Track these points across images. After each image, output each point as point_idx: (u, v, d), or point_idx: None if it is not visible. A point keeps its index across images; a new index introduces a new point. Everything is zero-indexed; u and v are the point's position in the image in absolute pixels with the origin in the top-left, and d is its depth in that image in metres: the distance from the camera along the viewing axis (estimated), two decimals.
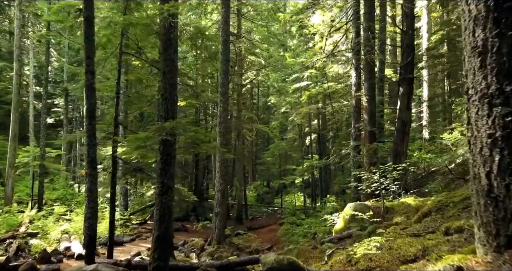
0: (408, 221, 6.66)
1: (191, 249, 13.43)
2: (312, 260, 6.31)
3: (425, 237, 3.85)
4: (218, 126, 14.68)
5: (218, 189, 14.40)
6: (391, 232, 4.97)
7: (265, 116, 41.62)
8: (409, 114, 12.58)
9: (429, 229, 4.40)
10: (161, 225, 6.79)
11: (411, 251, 3.33)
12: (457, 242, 3.13)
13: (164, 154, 6.94)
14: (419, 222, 5.61)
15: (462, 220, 3.68)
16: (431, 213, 5.58)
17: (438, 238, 3.56)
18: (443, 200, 5.66)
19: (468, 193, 5.43)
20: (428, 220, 5.20)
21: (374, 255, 3.65)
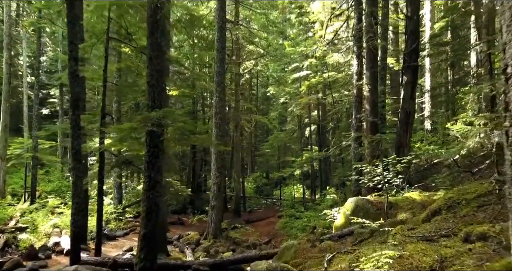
0: (415, 219, 6.17)
1: (186, 243, 13.00)
2: (310, 261, 5.83)
3: (439, 243, 3.36)
4: (214, 117, 14.15)
5: (214, 182, 13.93)
6: (398, 233, 4.48)
7: (264, 107, 41.08)
8: (413, 104, 12.03)
9: (442, 232, 3.90)
10: (148, 222, 6.31)
11: (426, 261, 2.84)
12: (483, 253, 2.63)
13: (151, 146, 6.43)
14: (428, 221, 5.12)
15: (486, 225, 3.19)
16: (441, 211, 5.09)
17: (456, 245, 3.07)
18: (454, 197, 5.16)
19: (482, 190, 4.94)
20: (438, 219, 4.70)
21: (382, 264, 3.17)
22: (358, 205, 8.05)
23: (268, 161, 30.64)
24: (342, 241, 7.02)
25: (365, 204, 8.00)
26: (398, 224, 6.25)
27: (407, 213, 7.01)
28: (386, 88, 18.65)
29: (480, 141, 8.57)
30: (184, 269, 7.63)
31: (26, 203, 18.52)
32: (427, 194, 7.97)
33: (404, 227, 4.88)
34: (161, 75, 6.66)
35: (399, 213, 7.26)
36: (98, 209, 8.59)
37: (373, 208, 7.91)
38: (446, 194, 5.50)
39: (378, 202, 8.08)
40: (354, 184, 11.99)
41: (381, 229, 6.33)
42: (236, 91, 21.44)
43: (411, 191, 8.85)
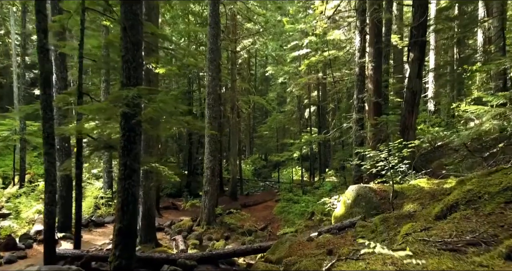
0: (425, 212, 5.45)
1: (178, 230, 12.40)
2: (307, 260, 5.14)
3: (470, 257, 2.62)
4: (207, 97, 13.31)
5: (208, 166, 13.22)
6: (410, 235, 3.75)
7: (263, 88, 40.13)
8: (419, 83, 11.15)
9: (467, 236, 3.17)
10: (124, 215, 5.59)
11: None
12: None
13: (126, 129, 5.64)
14: (443, 217, 4.39)
15: None
16: (459, 206, 4.35)
17: (495, 264, 2.33)
18: (474, 189, 4.41)
19: (508, 181, 4.18)
20: (457, 217, 3.97)
21: None
22: (360, 193, 7.34)
23: (266, 143, 29.90)
24: (342, 235, 6.34)
25: (368, 192, 7.29)
26: (405, 218, 5.54)
27: (414, 203, 6.30)
28: (389, 67, 17.68)
29: (499, 123, 7.78)
30: (169, 264, 6.99)
31: (15, 187, 17.91)
32: (436, 182, 7.24)
33: (416, 225, 4.15)
34: (138, 48, 5.81)
35: (406, 203, 6.55)
36: (76, 198, 7.87)
37: (376, 197, 7.20)
38: (464, 186, 4.75)
39: (382, 190, 7.37)
40: (355, 169, 11.28)
41: (386, 223, 5.64)
42: (232, 71, 20.49)
43: (418, 177, 8.13)
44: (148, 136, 9.94)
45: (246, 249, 7.27)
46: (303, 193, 18.64)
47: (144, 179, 10.19)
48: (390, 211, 6.56)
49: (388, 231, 5.21)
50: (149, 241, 10.18)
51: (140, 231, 10.41)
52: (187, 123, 6.02)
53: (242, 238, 12.91)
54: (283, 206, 16.86)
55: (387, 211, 6.75)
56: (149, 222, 10.25)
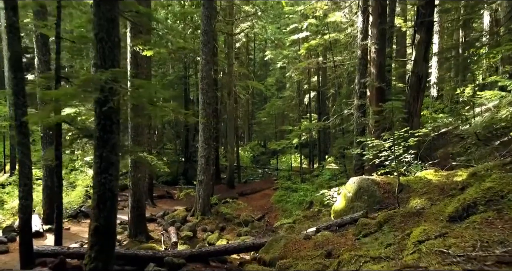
0: (435, 209, 4.89)
1: (171, 221, 11.90)
2: (303, 263, 4.61)
3: None
4: (200, 82, 12.63)
5: (202, 154, 12.65)
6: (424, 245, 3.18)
7: (262, 73, 39.30)
8: (425, 67, 10.50)
9: (497, 250, 2.60)
10: (101, 213, 5.03)
11: None
12: None
13: (102, 117, 5.02)
14: (458, 219, 3.82)
15: None
16: (477, 207, 3.78)
17: None
18: (496, 187, 3.83)
19: None
20: (477, 221, 3.40)
21: None
22: (362, 186, 6.78)
23: (264, 130, 29.26)
24: (342, 232, 5.80)
25: (370, 185, 6.72)
26: (413, 216, 4.98)
27: (422, 198, 5.74)
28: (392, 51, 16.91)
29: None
30: (156, 261, 6.48)
31: (6, 175, 17.40)
32: (444, 174, 6.67)
33: (429, 229, 3.58)
34: (114, 26, 5.14)
35: (412, 198, 5.99)
36: (57, 191, 7.32)
37: (379, 190, 6.64)
38: (483, 184, 4.16)
39: (386, 183, 6.80)
40: (356, 158, 10.70)
41: (391, 222, 5.09)
42: (229, 54, 19.71)
43: (424, 169, 7.55)
44: (136, 123, 9.33)
45: (238, 246, 6.76)
46: (301, 181, 18.14)
47: (132, 169, 9.64)
48: (395, 207, 6.01)
49: (394, 232, 4.65)
50: (139, 233, 9.69)
51: (129, 223, 9.92)
52: (173, 110, 5.39)
53: (238, 229, 12.44)
54: (281, 194, 16.37)
55: (391, 206, 6.20)
56: (138, 214, 9.73)
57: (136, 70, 9.41)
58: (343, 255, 4.14)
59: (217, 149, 21.33)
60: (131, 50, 9.29)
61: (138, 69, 9.45)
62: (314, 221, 11.66)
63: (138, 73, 9.49)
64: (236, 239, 11.31)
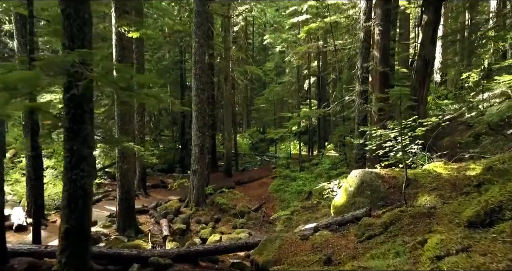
0: (447, 209, 4.33)
1: (163, 213, 11.40)
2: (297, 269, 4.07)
3: None
4: (193, 67, 11.95)
5: (196, 143, 12.07)
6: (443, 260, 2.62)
7: (261, 57, 38.47)
8: (433, 50, 9.82)
9: None
10: (72, 214, 4.48)
11: None
12: None
13: (71, 105, 4.42)
14: (480, 225, 3.26)
15: None
16: (503, 212, 3.21)
17: None
18: None
19: None
20: (507, 231, 2.83)
21: None
22: (365, 180, 6.21)
23: (263, 116, 28.58)
24: (343, 232, 5.25)
25: (374, 179, 6.15)
26: (423, 217, 4.43)
27: (432, 195, 5.18)
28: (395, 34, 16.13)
29: None
30: (140, 262, 5.97)
31: None
32: (455, 167, 6.09)
33: (447, 239, 3.01)
34: (83, 1, 4.47)
35: (421, 194, 5.43)
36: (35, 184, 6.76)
37: (384, 185, 6.08)
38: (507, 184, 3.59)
39: (391, 176, 6.23)
40: (357, 148, 10.12)
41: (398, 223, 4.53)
42: (226, 38, 18.91)
43: (432, 161, 6.98)
44: (123, 111, 8.72)
45: (229, 246, 6.23)
46: (300, 169, 17.62)
47: (120, 160, 9.07)
48: (401, 204, 5.45)
49: (403, 236, 4.10)
50: (128, 227, 9.19)
51: (117, 217, 9.42)
52: (154, 97, 4.77)
53: (233, 220, 11.96)
54: (279, 183, 15.87)
55: (397, 203, 5.65)
56: (127, 207, 9.22)
57: (122, 53, 8.74)
58: (345, 265, 3.59)
59: (214, 136, 20.77)
60: (116, 31, 8.59)
61: (124, 53, 8.78)
62: (313, 213, 11.17)
63: (125, 57, 8.83)
64: (231, 231, 10.85)
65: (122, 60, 8.74)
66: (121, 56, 8.75)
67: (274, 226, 11.67)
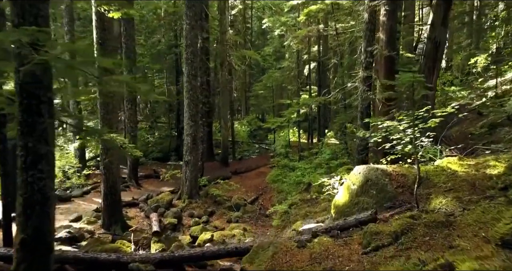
0: (470, 218, 3.67)
1: (154, 206, 10.80)
2: None
3: None
4: (185, 51, 11.15)
5: (188, 133, 11.38)
6: None
7: (260, 42, 37.45)
8: (444, 33, 9.03)
9: None
10: (28, 221, 3.82)
11: None
12: None
13: (24, 95, 3.71)
14: None
15: None
16: None
17: None
18: None
19: None
20: None
21: None
22: (370, 178, 5.54)
23: (261, 103, 27.75)
24: (345, 240, 4.61)
25: (380, 177, 5.48)
26: (441, 227, 3.76)
27: (448, 198, 4.51)
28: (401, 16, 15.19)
29: None
30: (119, 268, 5.36)
31: None
32: (472, 163, 5.40)
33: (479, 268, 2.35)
34: None
35: (434, 195, 4.76)
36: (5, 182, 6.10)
37: (391, 184, 5.41)
38: None
39: (399, 174, 5.55)
40: (360, 138, 9.42)
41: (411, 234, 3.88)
42: (221, 21, 17.99)
43: (445, 156, 6.29)
44: (105, 99, 7.99)
45: (218, 251, 5.60)
46: (300, 158, 16.99)
47: (103, 152, 8.39)
48: (412, 206, 4.79)
49: (417, 251, 3.45)
50: (114, 223, 8.58)
51: (102, 212, 8.80)
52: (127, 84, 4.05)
53: (228, 213, 11.37)
54: (277, 173, 15.25)
55: (407, 205, 4.99)
56: (113, 201, 8.59)
57: (103, 35, 7.96)
58: None
59: (210, 124, 20.04)
60: (96, 11, 7.79)
61: (105, 35, 7.99)
62: (312, 206, 10.55)
63: (107, 40, 8.05)
64: (225, 226, 10.27)
65: (104, 43, 7.98)
66: (103, 39, 7.98)
67: (271, 220, 11.09)
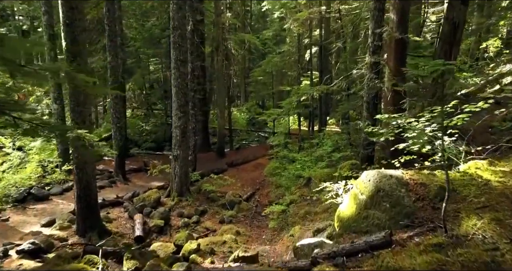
0: None
1: (140, 205, 9.90)
2: None
3: None
4: (172, 33, 10.02)
5: (177, 125, 10.38)
6: None
7: (260, 25, 36.10)
8: (464, 12, 7.90)
9: None
10: None
11: None
12: None
13: None
14: None
15: None
16: None
17: None
18: None
19: None
20: None
21: None
22: (382, 187, 4.55)
23: (260, 90, 26.60)
24: (353, 268, 3.66)
25: (395, 187, 4.49)
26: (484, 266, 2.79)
27: (485, 218, 3.53)
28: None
29: None
30: None
31: None
32: (507, 170, 4.41)
33: None
34: None
35: (465, 214, 3.78)
36: None
37: (409, 195, 4.42)
38: None
39: (418, 183, 4.55)
40: (364, 136, 8.42)
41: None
42: (216, 2, 16.75)
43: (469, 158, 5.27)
44: (75, 90, 6.96)
45: None
46: (299, 149, 16.02)
47: (76, 150, 7.41)
48: (436, 226, 3.82)
49: None
50: (90, 229, 7.67)
51: (76, 217, 7.87)
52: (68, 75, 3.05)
53: (221, 212, 10.48)
54: (276, 166, 14.30)
55: (429, 224, 4.01)
56: (87, 205, 7.65)
57: (71, 15, 6.87)
58: None
59: (205, 113, 19.00)
60: None
61: (74, 14, 6.90)
62: (312, 205, 9.63)
63: (76, 20, 6.96)
64: (217, 227, 9.37)
65: (72, 24, 6.90)
66: (70, 19, 6.89)
67: (267, 219, 10.19)
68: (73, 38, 7.00)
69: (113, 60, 12.18)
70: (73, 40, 7.02)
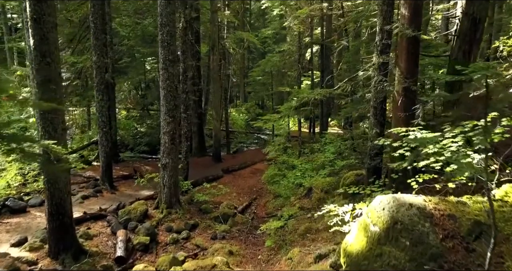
0: None
1: (124, 219, 9.04)
2: None
3: None
4: (160, 31, 9.15)
5: (165, 130, 9.51)
6: None
7: (259, 24, 35.34)
8: (485, 7, 7.03)
9: None
10: None
11: None
12: None
13: None
14: None
15: None
16: None
17: None
18: None
19: None
20: None
21: None
22: (400, 219, 3.68)
23: (258, 91, 25.72)
24: None
25: (416, 219, 3.61)
26: None
27: None
28: None
29: None
30: None
31: None
32: None
33: None
34: None
35: (511, 262, 2.92)
36: None
37: (435, 231, 3.54)
38: None
39: (445, 214, 3.67)
40: (372, 139, 7.56)
41: None
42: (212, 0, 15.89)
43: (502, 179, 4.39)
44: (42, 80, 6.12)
45: None
46: (300, 153, 15.14)
47: (47, 162, 6.54)
48: None
49: None
50: (63, 250, 6.82)
51: (48, 237, 7.01)
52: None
53: (214, 226, 9.60)
54: (274, 173, 13.44)
55: None
56: (60, 224, 6.80)
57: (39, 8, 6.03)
58: None
59: (201, 115, 18.14)
60: None
61: (42, 8, 6.05)
62: (313, 221, 8.77)
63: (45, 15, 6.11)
64: (208, 245, 8.52)
65: (40, 20, 6.05)
66: (38, 14, 6.04)
67: (264, 235, 9.32)
68: (42, 36, 6.16)
69: (99, 60, 11.33)
70: (42, 38, 6.18)
